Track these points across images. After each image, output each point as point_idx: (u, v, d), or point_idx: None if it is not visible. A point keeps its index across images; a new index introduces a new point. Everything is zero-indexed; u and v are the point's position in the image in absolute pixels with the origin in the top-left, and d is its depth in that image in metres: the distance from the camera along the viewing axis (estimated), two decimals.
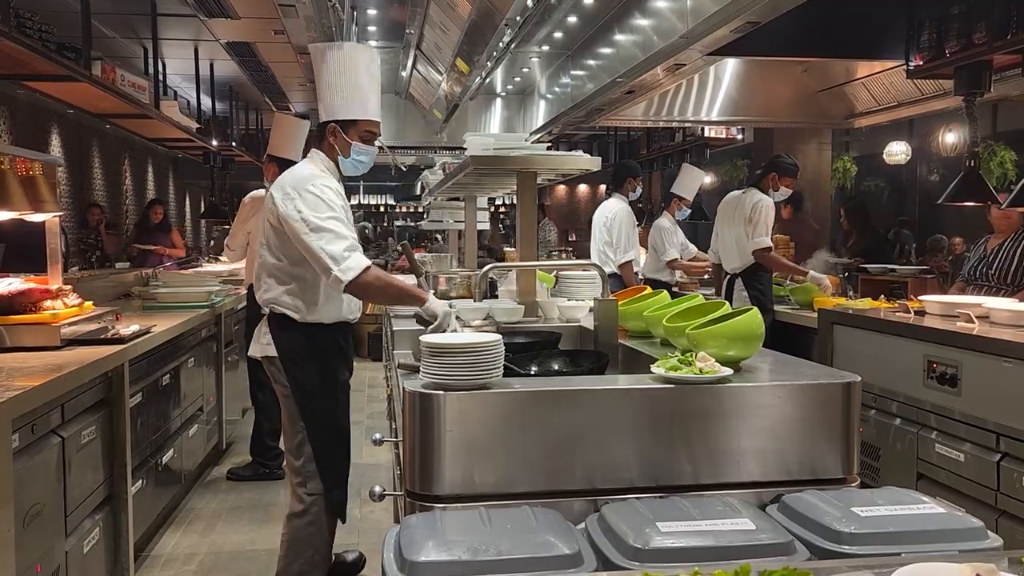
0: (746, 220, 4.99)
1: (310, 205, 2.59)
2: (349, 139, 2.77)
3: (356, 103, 2.77)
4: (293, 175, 2.73)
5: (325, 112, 2.79)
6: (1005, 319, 3.34)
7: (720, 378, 2.01)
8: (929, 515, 1.76)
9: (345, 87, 2.75)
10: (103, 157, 10.81)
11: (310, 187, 2.63)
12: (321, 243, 2.55)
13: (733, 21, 3.52)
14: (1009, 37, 3.57)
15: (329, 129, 2.78)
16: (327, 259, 2.54)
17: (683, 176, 6.61)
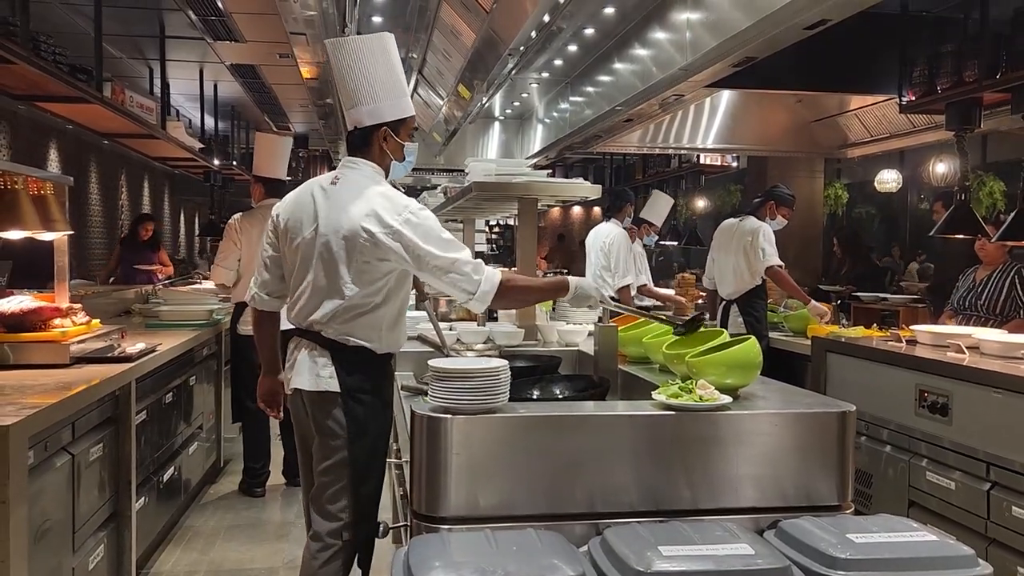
0: (748, 246, 5.07)
1: (422, 236, 2.33)
2: (401, 140, 2.52)
3: (402, 100, 2.51)
4: (382, 199, 2.39)
5: (370, 116, 2.46)
6: (995, 350, 3.41)
7: (720, 406, 2.06)
8: (921, 543, 1.82)
9: (391, 85, 2.47)
10: (100, 173, 10.87)
11: (410, 215, 2.35)
12: (452, 276, 2.33)
13: (731, 56, 3.62)
14: (999, 76, 3.67)
15: (381, 133, 2.48)
16: (463, 294, 2.35)
17: (652, 202, 6.72)
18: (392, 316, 2.49)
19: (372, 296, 2.43)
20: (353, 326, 2.45)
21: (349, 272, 2.41)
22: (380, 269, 2.40)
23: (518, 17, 3.90)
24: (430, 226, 2.36)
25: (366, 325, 2.45)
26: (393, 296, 2.46)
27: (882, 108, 6.23)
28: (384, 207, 2.37)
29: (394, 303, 2.48)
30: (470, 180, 3.76)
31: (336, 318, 2.45)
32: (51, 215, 3.20)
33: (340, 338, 2.45)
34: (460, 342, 3.43)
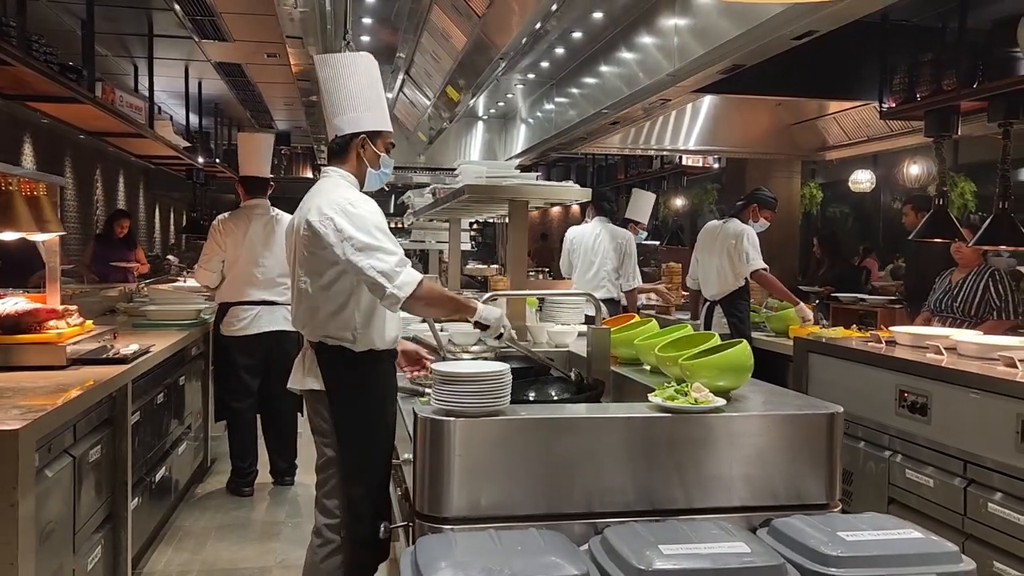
0: (732, 249, 5.15)
1: (353, 223, 2.45)
2: (378, 150, 2.67)
3: (381, 114, 2.68)
4: (324, 196, 2.55)
5: (350, 125, 2.63)
6: (972, 351, 3.52)
7: (714, 408, 2.13)
8: (908, 540, 1.90)
9: (372, 98, 2.65)
10: (75, 168, 10.75)
11: (347, 205, 2.49)
12: (371, 261, 2.43)
13: (720, 63, 3.69)
14: (976, 85, 3.78)
15: (358, 142, 2.63)
16: (380, 277, 2.43)
17: (635, 201, 6.79)
18: (362, 314, 2.57)
19: (330, 293, 2.54)
20: (326, 327, 2.56)
21: (302, 268, 2.58)
22: (325, 260, 2.51)
23: (510, 22, 3.95)
24: (364, 217, 2.49)
25: (338, 325, 2.56)
26: (356, 294, 2.55)
27: (860, 112, 6.36)
28: (327, 200, 2.53)
29: (359, 301, 2.56)
30: (462, 182, 3.81)
31: (310, 320, 2.59)
32: (44, 216, 3.20)
33: (320, 339, 2.58)
34: (452, 343, 3.48)
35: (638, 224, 6.69)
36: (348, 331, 2.56)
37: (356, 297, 2.55)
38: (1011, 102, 3.71)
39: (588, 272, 6.03)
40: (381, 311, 2.60)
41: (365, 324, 2.57)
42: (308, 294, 2.58)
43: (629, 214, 6.70)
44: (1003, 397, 3.01)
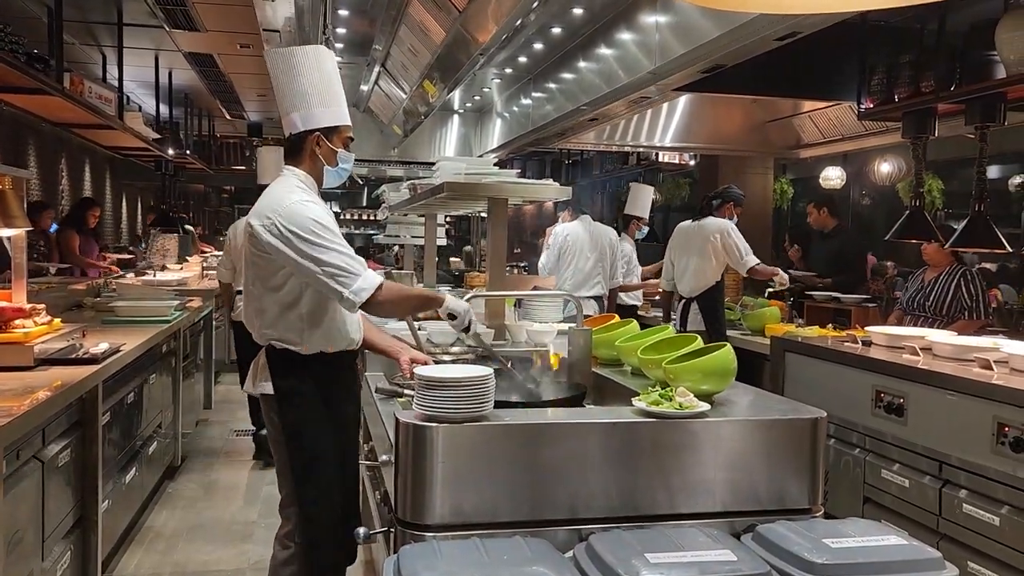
0: (718, 246, 5.22)
1: (303, 229, 2.39)
2: (334, 147, 2.60)
3: (336, 108, 2.61)
4: (269, 198, 2.50)
5: (303, 122, 2.57)
6: (947, 352, 3.55)
7: (699, 413, 2.12)
8: (893, 546, 1.90)
9: (326, 92, 2.57)
10: (39, 156, 10.48)
11: (294, 211, 2.42)
12: (322, 267, 2.37)
13: (701, 63, 3.67)
14: (953, 88, 3.81)
15: (313, 139, 2.57)
16: (334, 283, 2.38)
17: (634, 196, 6.78)
18: (308, 318, 2.52)
19: (277, 296, 2.51)
20: (274, 329, 2.53)
21: (250, 270, 2.55)
22: (271, 262, 2.47)
23: (490, 17, 3.90)
24: (310, 219, 2.42)
25: (285, 327, 2.52)
26: (303, 298, 2.51)
27: (835, 111, 6.40)
28: (270, 203, 2.47)
29: (306, 305, 2.51)
30: (441, 179, 3.76)
31: (258, 321, 2.56)
32: (10, 211, 3.11)
33: (268, 342, 2.55)
34: (431, 342, 3.44)
35: (640, 220, 6.69)
36: (295, 334, 2.52)
37: (303, 300, 2.51)
38: (988, 105, 3.74)
39: (584, 270, 6.03)
40: (330, 314, 2.55)
41: (312, 327, 2.53)
42: (255, 295, 2.55)
43: (629, 210, 6.69)
44: (979, 399, 3.04)
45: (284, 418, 2.53)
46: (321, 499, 2.54)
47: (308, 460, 2.53)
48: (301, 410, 2.53)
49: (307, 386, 2.54)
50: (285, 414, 2.53)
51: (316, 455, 2.54)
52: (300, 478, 2.53)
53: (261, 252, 2.47)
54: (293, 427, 2.52)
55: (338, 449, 2.60)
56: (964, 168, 9.18)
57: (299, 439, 2.53)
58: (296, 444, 2.53)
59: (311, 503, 2.53)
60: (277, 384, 2.53)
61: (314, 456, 2.54)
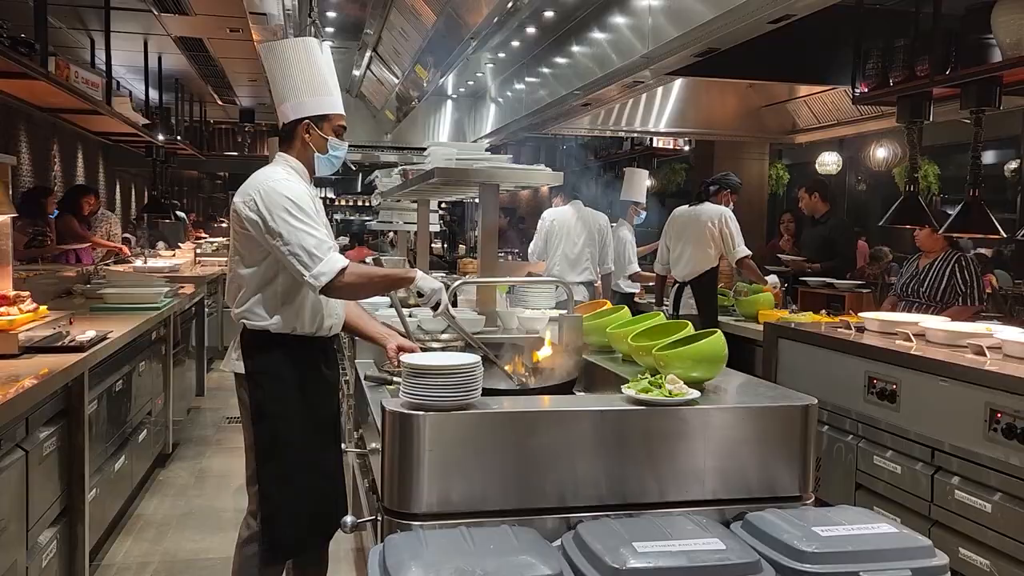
0: (716, 233, 5.20)
1: (276, 206, 2.47)
2: (324, 135, 2.67)
3: (326, 98, 2.69)
4: (255, 178, 2.59)
5: (294, 111, 2.66)
6: (941, 338, 3.54)
7: (688, 400, 2.10)
8: (883, 535, 1.88)
9: (315, 82, 2.66)
10: (31, 142, 10.40)
11: (273, 188, 2.50)
12: (288, 247, 2.44)
13: (694, 46, 3.63)
14: (948, 72, 3.77)
15: (303, 127, 2.66)
16: (297, 264, 2.44)
17: (629, 181, 6.74)
18: (282, 296, 2.58)
19: (255, 272, 2.57)
20: (249, 306, 2.59)
21: (233, 247, 2.63)
22: (251, 240, 2.54)
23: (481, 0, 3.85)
24: (286, 197, 2.49)
25: (259, 304, 2.58)
26: (279, 276, 2.56)
27: (830, 95, 6.37)
28: (253, 182, 2.56)
29: (281, 283, 2.57)
30: (432, 165, 3.72)
31: (236, 298, 2.62)
32: None
33: (241, 319, 2.62)
34: (421, 329, 3.41)
35: (637, 205, 6.66)
36: (267, 311, 2.58)
37: (279, 279, 2.57)
38: (983, 89, 3.70)
39: (572, 255, 6.00)
40: (303, 295, 2.61)
41: (284, 305, 2.59)
42: (237, 273, 2.62)
43: (625, 195, 6.66)
44: (972, 385, 3.02)
45: (252, 396, 2.60)
46: (281, 480, 2.59)
47: (271, 440, 2.59)
48: (268, 390, 2.59)
49: (277, 367, 2.59)
50: (253, 392, 2.60)
51: (279, 435, 2.59)
52: (262, 457, 2.60)
53: (242, 229, 2.55)
54: (259, 406, 2.60)
55: (308, 434, 2.63)
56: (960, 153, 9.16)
57: (264, 418, 2.59)
58: (261, 423, 2.59)
59: (270, 482, 2.59)
60: (248, 362, 2.60)
61: (276, 435, 2.59)
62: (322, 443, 2.69)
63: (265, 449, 2.60)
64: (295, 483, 2.60)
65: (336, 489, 2.76)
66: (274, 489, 2.59)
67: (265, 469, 2.60)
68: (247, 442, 2.68)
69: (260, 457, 2.60)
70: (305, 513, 2.61)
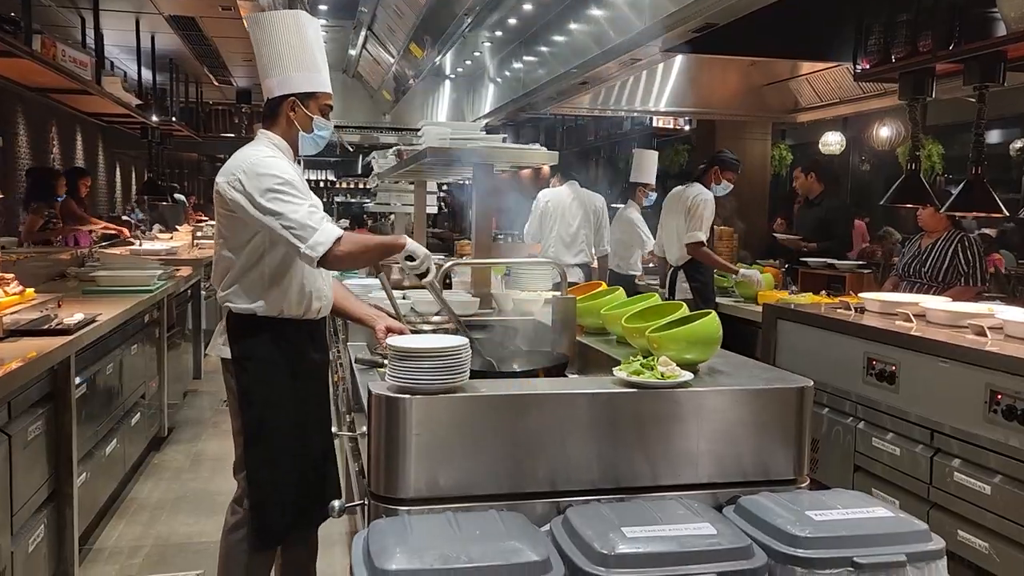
0: (685, 212, 5.09)
1: (262, 184, 2.39)
2: (310, 113, 2.59)
3: (314, 74, 2.59)
4: (236, 157, 2.52)
5: (279, 86, 2.57)
6: (941, 319, 3.49)
7: (681, 383, 2.05)
8: (878, 519, 1.85)
9: (303, 58, 2.56)
10: (28, 124, 10.34)
11: (257, 165, 2.44)
12: (280, 221, 2.36)
13: (692, 21, 3.56)
14: (952, 47, 3.69)
15: (288, 103, 2.57)
16: (291, 237, 2.36)
17: (638, 162, 6.66)
18: (270, 278, 2.53)
19: (242, 254, 2.51)
20: (235, 288, 2.54)
21: (218, 229, 2.57)
22: (237, 220, 2.48)
23: None
24: (271, 175, 2.41)
25: (246, 287, 2.53)
26: (267, 256, 2.51)
27: (833, 73, 6.27)
28: (235, 162, 2.49)
29: (269, 264, 2.52)
30: (425, 144, 3.66)
31: (222, 281, 2.57)
32: None
33: (227, 303, 2.57)
34: (414, 311, 3.37)
35: (647, 186, 6.58)
36: (253, 294, 2.54)
37: (265, 260, 2.52)
38: (987, 64, 3.63)
39: (567, 236, 5.94)
40: (290, 276, 2.55)
41: (271, 287, 2.54)
42: (221, 256, 2.57)
43: (634, 177, 6.59)
44: (972, 366, 2.98)
45: (238, 381, 2.56)
46: (269, 465, 2.56)
47: (257, 425, 2.56)
48: (254, 374, 2.55)
49: (263, 351, 2.55)
50: (239, 377, 2.56)
51: (266, 420, 2.56)
52: (249, 443, 2.57)
53: (227, 211, 2.49)
54: (245, 391, 2.56)
55: (296, 419, 2.60)
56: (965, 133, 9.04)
57: (251, 403, 2.56)
58: (248, 408, 2.56)
59: (257, 468, 2.57)
60: (233, 347, 2.55)
61: (263, 421, 2.56)
62: (311, 428, 2.66)
63: (252, 435, 2.57)
64: (283, 468, 2.57)
65: (326, 474, 2.72)
66: (262, 475, 2.56)
67: (252, 455, 2.57)
68: (235, 428, 2.65)
69: (247, 443, 2.57)
70: (293, 499, 2.58)
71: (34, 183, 7.21)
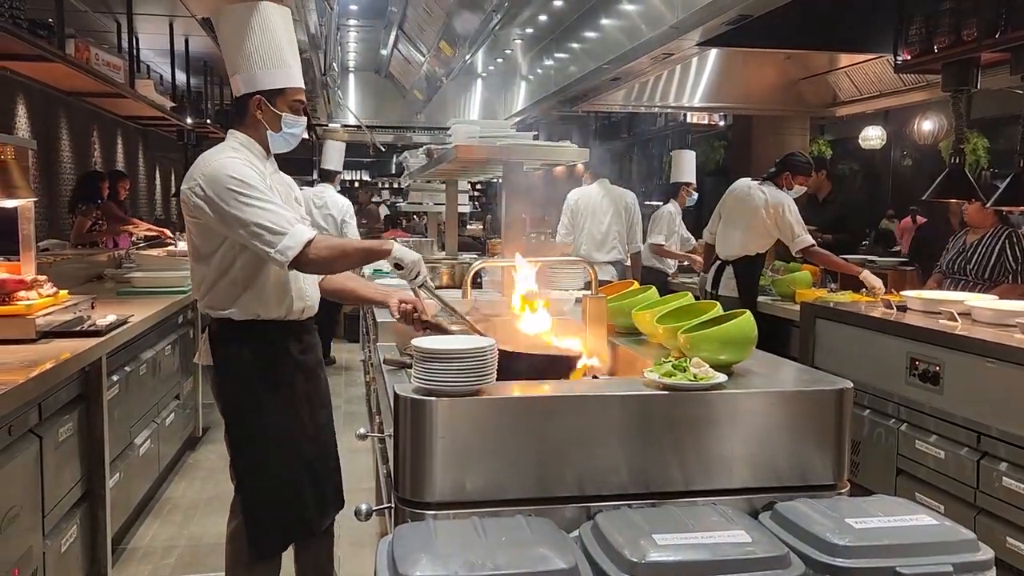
0: (767, 221, 4.85)
1: (221, 189, 2.31)
2: (278, 111, 2.48)
3: (281, 70, 2.48)
4: (198, 162, 2.44)
5: (245, 84, 2.47)
6: (987, 318, 3.37)
7: (714, 385, 1.99)
8: (922, 527, 1.76)
9: (268, 53, 2.44)
10: (71, 130, 10.55)
11: (215, 171, 2.34)
12: (243, 227, 2.29)
13: (725, 13, 3.48)
14: (998, 36, 3.56)
15: (254, 102, 2.46)
16: (260, 244, 2.29)
17: (677, 163, 6.62)
18: (243, 282, 2.45)
19: (213, 260, 2.44)
20: (211, 295, 2.48)
21: (189, 235, 2.49)
22: (203, 228, 2.41)
23: None
24: (229, 177, 2.32)
25: (221, 293, 2.47)
26: (238, 261, 2.43)
27: (872, 65, 6.12)
28: (197, 167, 2.41)
29: (240, 269, 2.44)
30: (453, 143, 3.63)
31: (199, 288, 2.51)
32: (12, 181, 3.05)
33: (207, 311, 2.51)
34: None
35: (688, 185, 6.54)
36: (227, 299, 2.47)
37: (236, 265, 2.45)
38: None
39: (598, 234, 5.88)
40: (263, 278, 2.47)
41: (245, 290, 2.47)
42: (194, 265, 2.51)
43: (675, 177, 6.56)
44: (1019, 367, 2.87)
45: (220, 388, 2.52)
46: (256, 472, 2.51)
47: (241, 432, 2.52)
48: (236, 380, 2.50)
49: (243, 355, 2.49)
50: (223, 386, 2.51)
51: (249, 427, 2.51)
52: (234, 449, 2.53)
53: (193, 218, 2.42)
54: (229, 399, 2.52)
55: (282, 423, 2.53)
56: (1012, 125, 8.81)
57: (235, 411, 2.52)
58: (232, 414, 2.52)
59: (246, 475, 2.53)
60: (215, 353, 2.50)
61: (247, 427, 2.52)
62: (300, 432, 2.58)
63: (237, 442, 2.52)
64: (270, 475, 2.51)
65: (323, 478, 2.65)
66: (250, 483, 2.52)
67: (239, 463, 2.52)
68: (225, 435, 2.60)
69: (234, 450, 2.53)
70: (287, 506, 2.53)
71: (80, 186, 7.35)
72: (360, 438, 2.69)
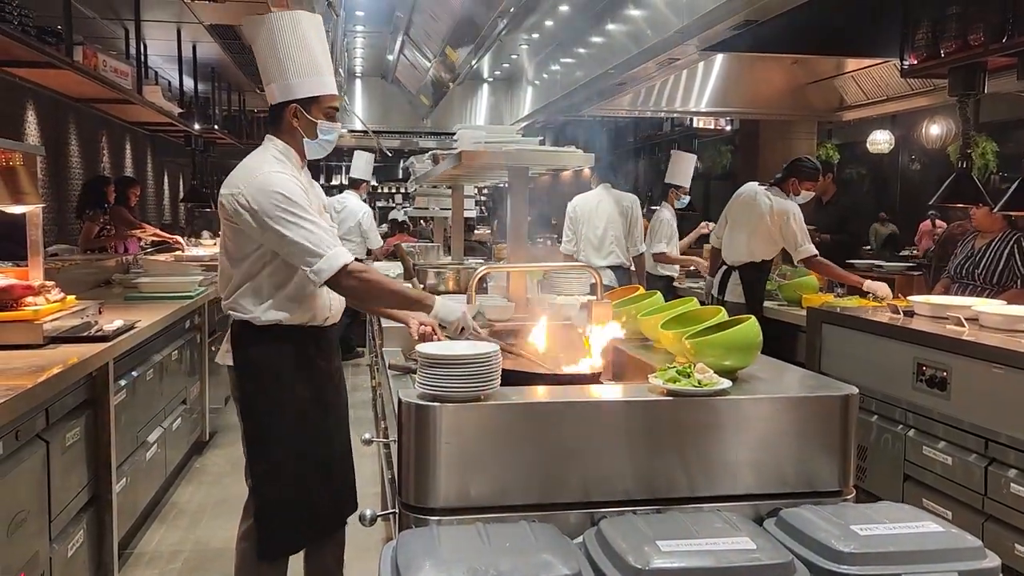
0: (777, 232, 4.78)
1: (266, 202, 2.34)
2: (314, 118, 2.51)
3: (315, 78, 2.49)
4: (242, 169, 2.47)
5: (281, 92, 2.48)
6: (995, 323, 3.35)
7: (719, 391, 1.99)
8: (928, 534, 1.76)
9: (303, 61, 2.46)
10: (80, 135, 10.61)
11: (262, 183, 2.37)
12: (285, 243, 2.34)
13: (731, 19, 3.48)
14: (1005, 40, 3.56)
15: (290, 111, 2.48)
16: (297, 261, 2.35)
17: (674, 164, 6.53)
18: (271, 285, 2.48)
19: (244, 265, 2.48)
20: (236, 298, 2.50)
21: (223, 239, 2.53)
22: (239, 232, 2.44)
23: None
24: (276, 192, 2.36)
25: (246, 297, 2.49)
26: (267, 268, 2.47)
27: (879, 70, 6.12)
28: (241, 174, 2.44)
29: (269, 275, 2.47)
30: (458, 148, 3.64)
31: (225, 289, 2.54)
32: (21, 187, 3.07)
33: (230, 312, 2.54)
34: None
35: (679, 188, 6.48)
36: (253, 303, 2.49)
37: (267, 270, 2.48)
38: None
39: (595, 239, 5.86)
40: (292, 285, 2.50)
41: (271, 296, 2.49)
42: (225, 265, 2.54)
43: (669, 178, 6.48)
44: None
45: (241, 390, 2.54)
46: (270, 475, 2.53)
47: (258, 434, 2.54)
48: (257, 382, 2.52)
49: (265, 359, 2.51)
50: (242, 387, 2.53)
51: (266, 429, 2.53)
52: (252, 452, 2.54)
53: (230, 222, 2.45)
54: (248, 399, 2.53)
55: (299, 427, 2.55)
56: (1021, 130, 8.79)
57: (253, 412, 2.53)
58: (250, 417, 2.54)
59: (261, 478, 2.53)
60: (236, 355, 2.53)
61: (264, 430, 2.53)
62: (316, 437, 2.59)
63: (253, 444, 2.54)
64: (285, 479, 2.52)
65: (337, 483, 2.67)
66: (264, 485, 2.53)
67: (256, 464, 2.53)
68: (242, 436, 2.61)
69: (250, 452, 2.54)
70: (299, 509, 2.54)
71: (86, 191, 7.38)
72: (365, 443, 2.69)
